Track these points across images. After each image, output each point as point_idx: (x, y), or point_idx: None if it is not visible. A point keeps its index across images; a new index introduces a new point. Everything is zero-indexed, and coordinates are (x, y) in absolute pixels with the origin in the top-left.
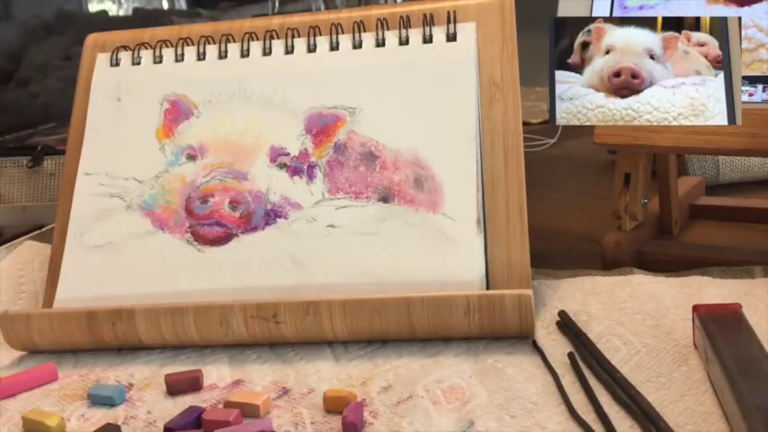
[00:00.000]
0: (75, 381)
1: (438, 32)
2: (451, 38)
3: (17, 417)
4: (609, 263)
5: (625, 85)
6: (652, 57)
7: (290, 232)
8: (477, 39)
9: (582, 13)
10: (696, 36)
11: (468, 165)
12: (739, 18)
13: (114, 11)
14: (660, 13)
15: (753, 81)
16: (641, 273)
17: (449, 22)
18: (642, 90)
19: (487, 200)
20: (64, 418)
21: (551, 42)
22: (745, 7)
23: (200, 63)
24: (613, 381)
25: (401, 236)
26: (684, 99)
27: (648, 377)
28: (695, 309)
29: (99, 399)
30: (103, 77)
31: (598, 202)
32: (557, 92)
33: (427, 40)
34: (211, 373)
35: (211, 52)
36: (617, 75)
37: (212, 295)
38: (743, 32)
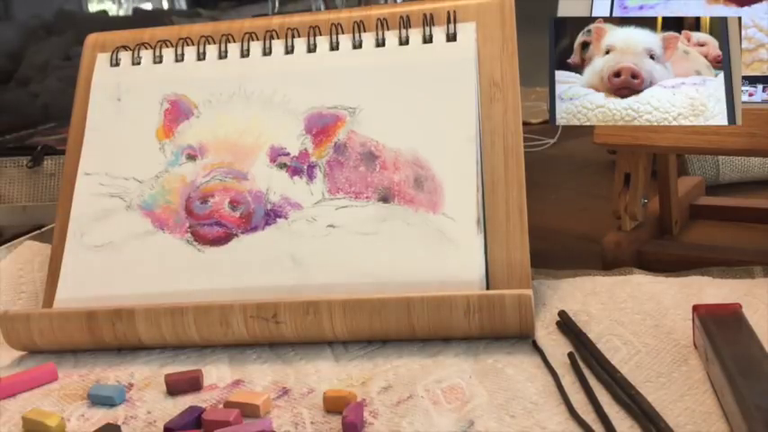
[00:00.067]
0: (75, 381)
1: (438, 32)
2: (451, 38)
3: (17, 417)
4: (609, 263)
5: (625, 85)
6: (652, 57)
7: (290, 232)
8: (477, 39)
9: (582, 13)
10: (696, 36)
11: (468, 165)
12: (739, 18)
13: (114, 11)
14: (660, 13)
15: (753, 81)
16: (641, 273)
17: (449, 22)
18: (642, 90)
19: (487, 200)
20: (64, 418)
21: (551, 42)
22: (745, 7)
23: (200, 63)
24: (613, 381)
25: (401, 236)
26: (684, 99)
27: (648, 377)
28: (695, 309)
29: (99, 399)
30: (103, 77)
31: (598, 202)
32: (557, 92)
33: (427, 40)
34: (211, 373)
35: (211, 52)
36: (617, 75)
37: (212, 295)
38: (743, 32)
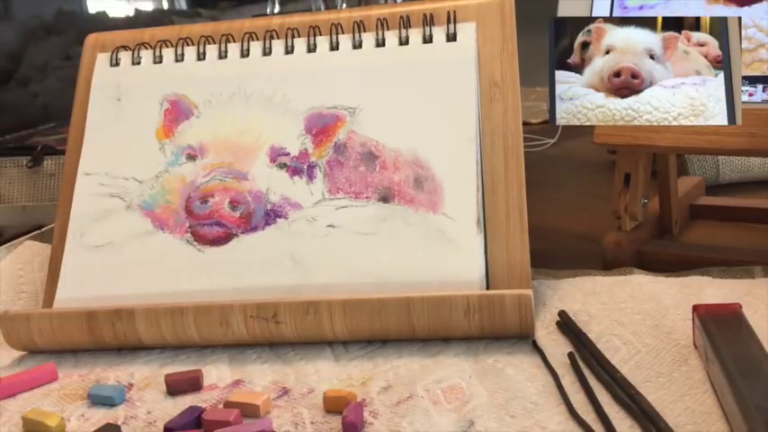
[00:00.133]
0: (75, 381)
1: (438, 32)
2: (451, 38)
3: (17, 417)
4: (609, 263)
5: (625, 85)
6: (652, 57)
7: (290, 232)
8: (477, 39)
9: (582, 13)
10: (696, 36)
11: (468, 165)
12: (739, 18)
13: (114, 11)
14: (660, 13)
15: (753, 81)
16: (641, 273)
17: (449, 22)
18: (642, 90)
19: (487, 200)
20: (64, 418)
21: (551, 42)
22: (745, 7)
23: (200, 63)
24: (613, 381)
25: (401, 236)
26: (684, 99)
27: (648, 377)
28: (695, 309)
29: (99, 399)
30: (103, 77)
31: (598, 202)
32: (557, 92)
33: (427, 40)
34: (211, 373)
35: (211, 52)
36: (617, 75)
37: (212, 295)
38: (743, 32)
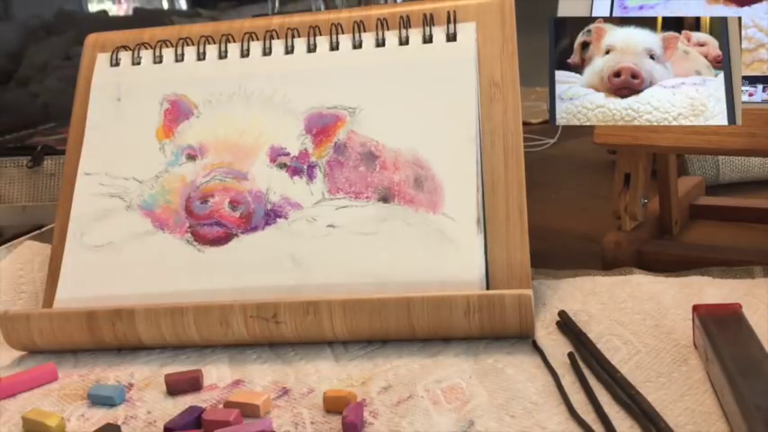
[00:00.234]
0: (75, 381)
1: (438, 32)
2: (451, 38)
3: (17, 417)
4: (609, 263)
5: (625, 85)
6: (652, 57)
7: (290, 232)
8: (477, 39)
9: (582, 13)
10: (696, 36)
11: (468, 165)
12: (739, 18)
13: (114, 11)
14: (660, 13)
15: (753, 81)
16: (641, 273)
17: (449, 22)
18: (642, 90)
19: (487, 200)
20: (64, 418)
21: (551, 42)
22: (745, 7)
23: (200, 63)
24: (613, 381)
25: (401, 236)
26: (684, 99)
27: (648, 377)
28: (695, 309)
29: (99, 399)
30: (103, 77)
31: (598, 202)
32: (557, 92)
33: (427, 40)
34: (211, 373)
35: (211, 52)
36: (617, 75)
37: (212, 295)
38: (743, 32)
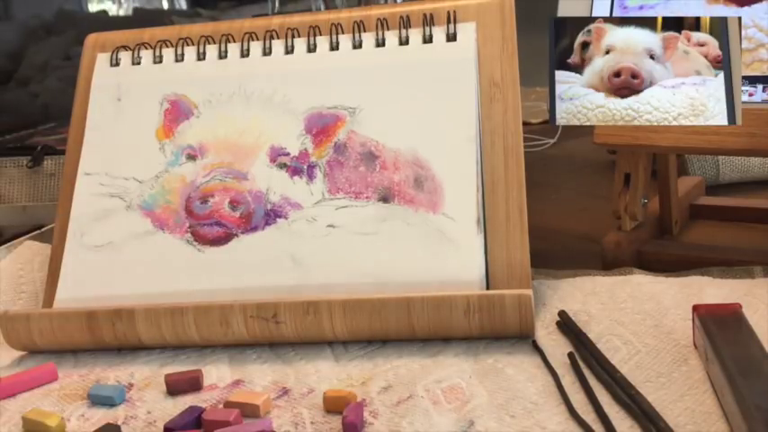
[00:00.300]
0: (75, 381)
1: (438, 32)
2: (451, 38)
3: (17, 417)
4: (609, 263)
5: (625, 85)
6: (652, 57)
7: (290, 232)
8: (477, 39)
9: (582, 13)
10: (696, 36)
11: (468, 165)
12: (739, 18)
13: (114, 11)
14: (660, 13)
15: (753, 81)
16: (641, 273)
17: (449, 22)
18: (642, 90)
19: (487, 200)
20: (64, 418)
21: (551, 42)
22: (745, 7)
23: (200, 63)
24: (613, 381)
25: (401, 236)
26: (684, 99)
27: (648, 377)
28: (695, 309)
29: (99, 399)
30: (103, 77)
31: (598, 202)
32: (557, 92)
33: (427, 40)
34: (211, 373)
35: (211, 52)
36: (617, 75)
37: (212, 295)
38: (743, 32)
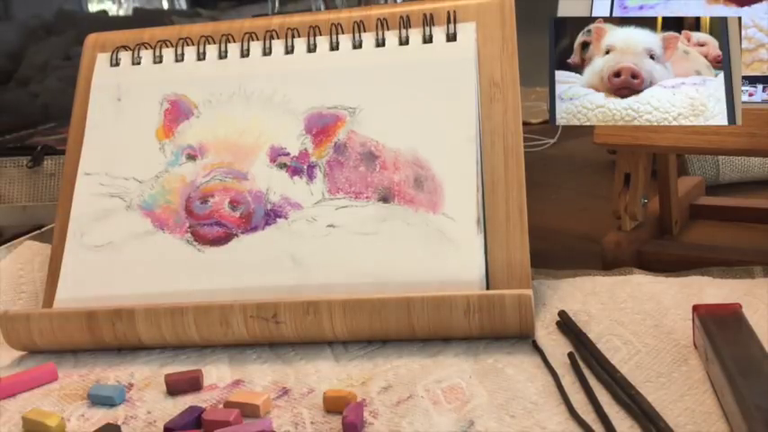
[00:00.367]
0: (75, 381)
1: (438, 32)
2: (451, 38)
3: (17, 417)
4: (609, 263)
5: (625, 85)
6: (652, 57)
7: (290, 232)
8: (477, 39)
9: (582, 13)
10: (696, 36)
11: (468, 165)
12: (739, 18)
13: (114, 11)
14: (660, 13)
15: (753, 81)
16: (641, 273)
17: (449, 22)
18: (642, 90)
19: (487, 200)
20: (64, 418)
21: (551, 42)
22: (745, 7)
23: (201, 63)
24: (613, 381)
25: (401, 236)
26: (684, 99)
27: (648, 377)
28: (695, 309)
29: (99, 399)
30: (103, 77)
31: (598, 202)
32: (557, 92)
33: (427, 40)
34: (211, 373)
35: (211, 52)
36: (617, 75)
37: (212, 295)
38: (743, 32)
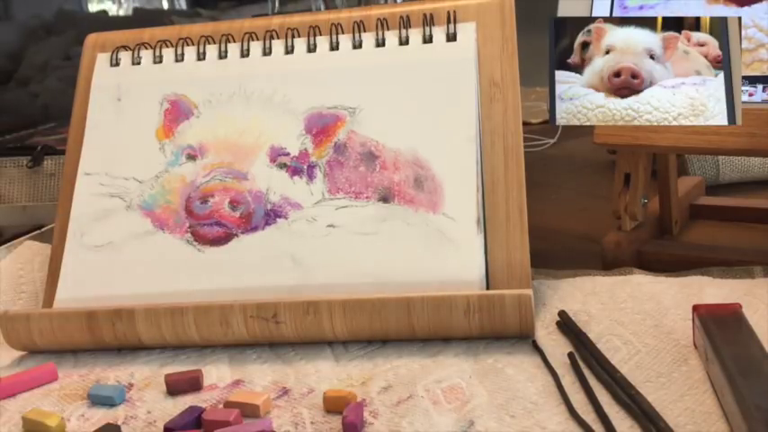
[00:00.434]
0: (75, 381)
1: (438, 32)
2: (451, 38)
3: (17, 417)
4: (609, 263)
5: (625, 85)
6: (652, 57)
7: (290, 232)
8: (477, 39)
9: (582, 13)
10: (696, 36)
11: (468, 165)
12: (739, 18)
13: (114, 11)
14: (660, 13)
15: (753, 81)
16: (641, 273)
17: (449, 22)
18: (642, 90)
19: (487, 200)
20: (64, 418)
21: (551, 42)
22: (745, 7)
23: (200, 63)
24: (613, 381)
25: (401, 236)
26: (684, 99)
27: (648, 377)
28: (695, 309)
29: (99, 399)
30: (103, 77)
31: (598, 202)
32: (557, 92)
33: (427, 40)
34: (211, 373)
35: (211, 52)
36: (617, 75)
37: (212, 295)
38: (743, 32)
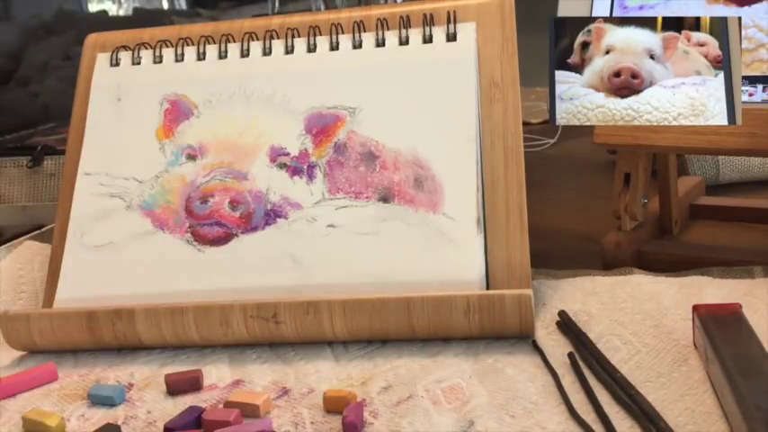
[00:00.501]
0: (75, 381)
1: (438, 32)
2: (451, 38)
3: (17, 417)
4: (609, 263)
5: (625, 85)
6: (652, 57)
7: (290, 232)
8: (477, 39)
9: (582, 13)
10: (696, 36)
11: (468, 165)
12: (739, 18)
13: (114, 11)
14: (660, 13)
15: (753, 81)
16: (641, 273)
17: (449, 22)
18: (642, 90)
19: (487, 200)
20: (64, 418)
21: (551, 42)
22: (745, 7)
23: (200, 63)
24: (613, 381)
25: (401, 236)
26: (684, 99)
27: (648, 377)
28: (695, 309)
29: (99, 399)
30: (103, 77)
31: (598, 202)
32: (557, 92)
33: (427, 40)
34: (211, 373)
35: (211, 52)
36: (617, 75)
37: (212, 295)
38: (743, 32)
